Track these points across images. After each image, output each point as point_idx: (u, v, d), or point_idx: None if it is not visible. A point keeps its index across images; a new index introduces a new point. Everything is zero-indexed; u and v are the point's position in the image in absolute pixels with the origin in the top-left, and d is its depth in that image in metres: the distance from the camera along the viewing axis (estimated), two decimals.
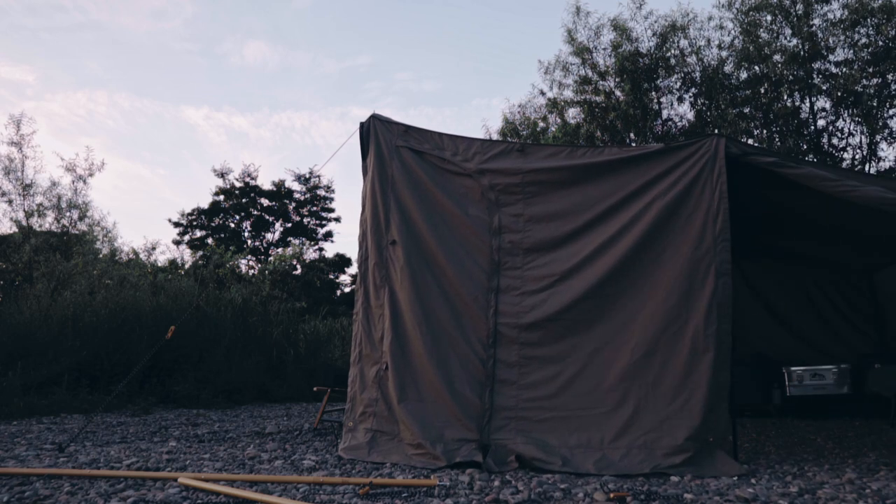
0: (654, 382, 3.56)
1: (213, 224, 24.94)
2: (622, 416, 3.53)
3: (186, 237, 24.81)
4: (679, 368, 3.52)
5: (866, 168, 13.32)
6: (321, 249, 26.30)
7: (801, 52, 13.01)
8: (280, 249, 24.46)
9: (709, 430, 3.39)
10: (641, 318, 3.64)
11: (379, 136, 4.28)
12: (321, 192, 26.09)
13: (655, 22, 14.38)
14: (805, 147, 13.60)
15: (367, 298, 4.08)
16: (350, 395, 3.99)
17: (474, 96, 42.31)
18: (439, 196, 4.08)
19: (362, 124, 4.36)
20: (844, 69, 12.88)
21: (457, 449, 3.51)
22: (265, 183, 25.90)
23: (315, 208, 26.14)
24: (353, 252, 27.42)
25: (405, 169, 4.18)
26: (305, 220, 26.04)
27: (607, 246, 3.76)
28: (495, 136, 16.06)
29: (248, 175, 25.03)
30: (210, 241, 23.46)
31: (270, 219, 25.34)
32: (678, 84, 14.47)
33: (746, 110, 13.75)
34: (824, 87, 13.15)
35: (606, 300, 3.71)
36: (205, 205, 24.76)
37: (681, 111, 14.76)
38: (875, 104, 12.86)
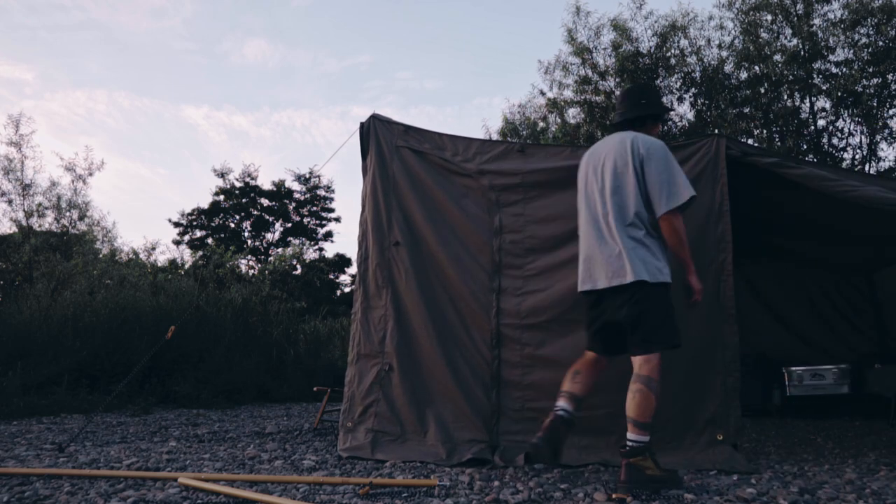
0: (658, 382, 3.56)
1: (213, 224, 24.94)
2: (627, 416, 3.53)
3: (186, 237, 24.82)
4: (683, 368, 3.52)
5: (866, 168, 13.32)
6: (321, 249, 26.32)
7: (802, 52, 13.01)
8: (280, 249, 24.47)
9: (717, 429, 3.40)
10: None
11: (379, 136, 4.28)
12: (321, 192, 26.10)
13: (656, 22, 14.40)
14: (805, 147, 13.60)
15: (366, 298, 4.08)
16: (348, 395, 3.98)
17: (475, 95, 42.34)
18: (440, 196, 4.08)
19: (362, 124, 4.36)
20: (844, 69, 12.87)
21: (467, 449, 3.53)
22: (265, 183, 25.93)
23: (315, 208, 26.15)
24: (353, 252, 27.41)
25: (406, 169, 4.18)
26: (305, 220, 26.04)
27: None
28: (495, 137, 16.09)
29: (248, 175, 25.04)
30: (210, 241, 23.46)
31: (270, 219, 25.35)
32: (678, 84, 14.47)
33: (746, 110, 13.75)
34: (824, 87, 13.14)
35: None
36: (205, 205, 24.78)
37: (681, 111, 14.77)
38: (875, 104, 12.86)
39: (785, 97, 13.53)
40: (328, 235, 26.47)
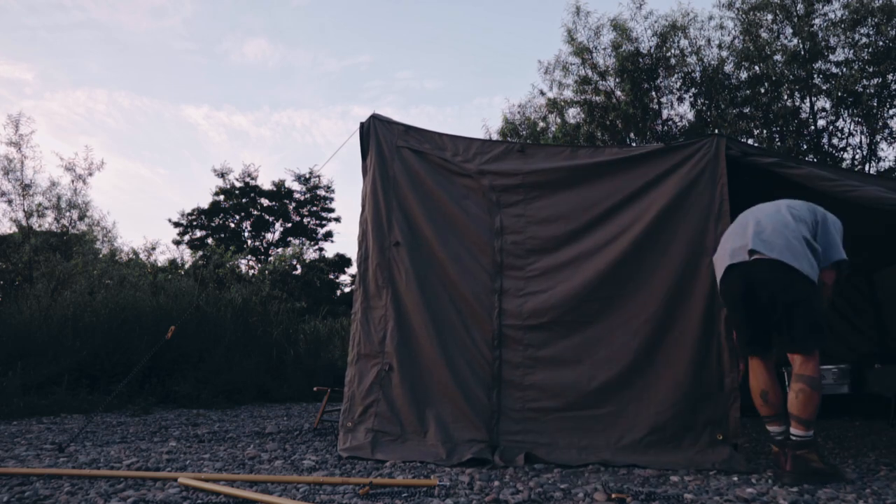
0: (658, 383, 3.56)
1: (213, 224, 24.93)
2: (627, 415, 3.54)
3: (186, 237, 24.81)
4: (682, 369, 3.52)
5: (866, 168, 13.33)
6: (321, 249, 26.32)
7: (802, 52, 13.01)
8: (280, 249, 24.47)
9: (717, 429, 3.41)
10: (644, 319, 3.65)
11: (379, 136, 4.28)
12: (321, 192, 26.09)
13: (655, 22, 14.41)
14: (805, 147, 13.60)
15: (366, 298, 4.08)
16: (348, 395, 3.98)
17: (475, 95, 42.36)
18: (441, 196, 4.08)
19: (362, 124, 4.36)
20: (844, 69, 12.88)
21: (466, 449, 3.53)
22: (265, 183, 25.94)
23: (315, 208, 26.15)
24: (353, 252, 27.42)
25: (407, 169, 4.18)
26: (305, 220, 26.04)
27: (608, 246, 3.76)
28: (495, 137, 16.08)
29: (248, 175, 25.04)
30: (210, 241, 23.45)
31: (270, 219, 25.34)
32: (678, 84, 14.48)
33: (746, 110, 13.76)
34: (824, 87, 13.14)
35: (609, 301, 3.71)
36: (205, 205, 24.77)
37: (681, 111, 14.81)
38: (875, 104, 12.86)
39: (785, 97, 13.53)
40: (328, 235, 26.47)
